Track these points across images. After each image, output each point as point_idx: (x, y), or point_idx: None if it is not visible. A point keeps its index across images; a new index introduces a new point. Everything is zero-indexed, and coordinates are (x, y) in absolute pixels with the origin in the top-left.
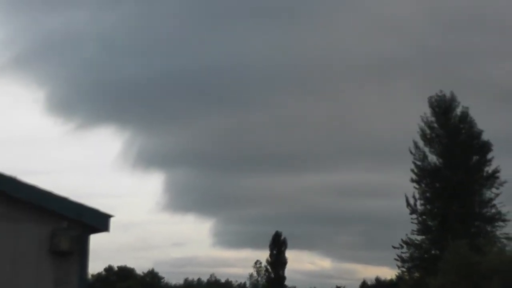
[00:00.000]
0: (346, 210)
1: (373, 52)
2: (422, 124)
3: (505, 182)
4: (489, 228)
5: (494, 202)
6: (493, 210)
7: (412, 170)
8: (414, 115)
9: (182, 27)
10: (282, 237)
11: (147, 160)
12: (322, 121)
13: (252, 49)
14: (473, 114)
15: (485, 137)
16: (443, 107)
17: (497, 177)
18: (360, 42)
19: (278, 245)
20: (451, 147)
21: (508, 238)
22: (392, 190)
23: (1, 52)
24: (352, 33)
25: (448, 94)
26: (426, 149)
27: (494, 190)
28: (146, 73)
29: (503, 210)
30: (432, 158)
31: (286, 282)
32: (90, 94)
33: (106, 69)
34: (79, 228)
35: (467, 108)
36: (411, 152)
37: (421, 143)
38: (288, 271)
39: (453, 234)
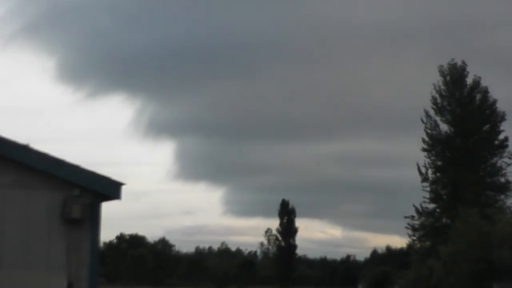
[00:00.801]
0: (357, 179)
1: (381, 21)
2: (434, 93)
3: None
4: (499, 197)
5: (505, 171)
6: (504, 179)
7: (423, 139)
8: (424, 84)
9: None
10: (291, 206)
11: (158, 128)
12: (330, 90)
13: (261, 20)
14: (484, 83)
15: (496, 106)
16: (454, 76)
17: (506, 146)
18: (368, 11)
19: (287, 214)
20: (463, 115)
21: None
22: (403, 159)
23: (12, 21)
24: (360, 4)
25: (459, 63)
26: (437, 118)
27: (505, 159)
28: (157, 42)
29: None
30: (444, 126)
31: (297, 251)
32: (101, 62)
33: (116, 38)
34: (91, 196)
35: (479, 77)
36: (422, 121)
37: (432, 112)
38: (299, 239)
39: (464, 202)
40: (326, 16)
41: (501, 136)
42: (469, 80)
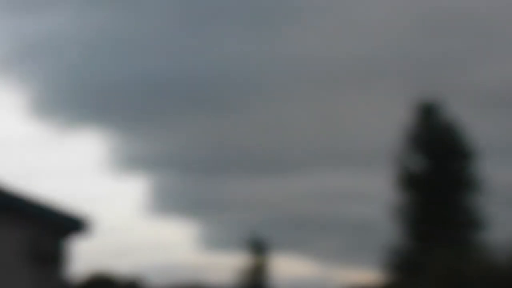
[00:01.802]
0: (330, 215)
1: (353, 56)
2: (406, 129)
3: (490, 188)
4: (472, 235)
5: (479, 209)
6: (478, 217)
7: (395, 176)
8: (396, 120)
9: (167, 30)
10: (264, 241)
11: (131, 162)
12: (304, 125)
13: (234, 54)
14: (458, 120)
15: (471, 142)
16: (428, 113)
17: (481, 183)
18: (339, 45)
19: (261, 251)
20: (435, 153)
21: (492, 245)
22: (376, 195)
23: None
24: (331, 36)
25: (433, 98)
26: (411, 155)
27: (479, 196)
28: (131, 76)
29: (486, 215)
30: (417, 164)
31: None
32: (73, 96)
33: (90, 72)
34: (61, 232)
35: (453, 114)
36: (395, 158)
37: (406, 149)
38: (272, 276)
39: (438, 241)
40: (300, 50)
41: (476, 173)
42: (443, 117)
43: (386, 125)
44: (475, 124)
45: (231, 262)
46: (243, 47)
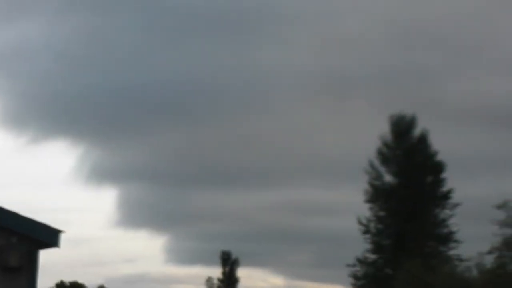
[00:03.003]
0: (299, 228)
1: (327, 70)
2: (380, 143)
3: (457, 202)
4: (442, 248)
5: (447, 222)
6: (446, 230)
7: (366, 190)
8: (369, 134)
9: (137, 41)
10: (234, 255)
11: (100, 175)
12: (274, 138)
13: (205, 66)
14: (431, 134)
15: (441, 157)
16: (402, 127)
17: (449, 197)
18: (314, 59)
19: (229, 263)
20: (407, 167)
21: (459, 258)
22: (346, 208)
23: None
24: (305, 50)
25: (408, 114)
26: (382, 169)
27: (447, 210)
28: (100, 87)
29: (455, 229)
30: (388, 178)
31: None
32: (43, 107)
33: (60, 82)
34: (29, 243)
35: (428, 130)
36: (366, 172)
37: (377, 163)
38: None
39: (407, 253)
40: (269, 62)
41: (445, 188)
42: (417, 131)
43: (359, 139)
44: (446, 138)
45: (199, 274)
46: (216, 60)
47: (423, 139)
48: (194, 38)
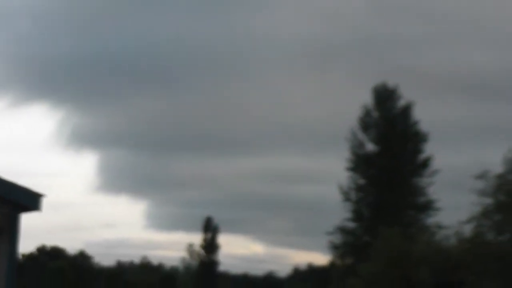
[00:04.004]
0: (279, 195)
1: (308, 39)
2: (362, 112)
3: (437, 171)
4: (420, 217)
5: (426, 191)
6: (424, 199)
7: (348, 158)
8: (350, 102)
9: (117, 6)
10: (214, 222)
11: (80, 140)
12: (255, 105)
13: (186, 32)
14: (410, 102)
15: (422, 126)
16: (384, 96)
17: (427, 165)
18: (299, 28)
19: (210, 230)
20: (388, 135)
21: (438, 227)
22: (326, 176)
23: None
24: (287, 20)
25: (387, 82)
26: (364, 137)
27: (426, 179)
28: (80, 52)
29: (434, 198)
30: (369, 146)
31: (219, 267)
32: (23, 71)
33: (39, 46)
34: (10, 206)
35: (412, 102)
36: (347, 140)
37: (358, 131)
38: (221, 255)
39: (386, 222)
40: (251, 29)
41: (423, 156)
42: (401, 102)
43: (340, 107)
44: (426, 107)
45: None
46: (198, 27)
47: (406, 110)
48: (177, 5)
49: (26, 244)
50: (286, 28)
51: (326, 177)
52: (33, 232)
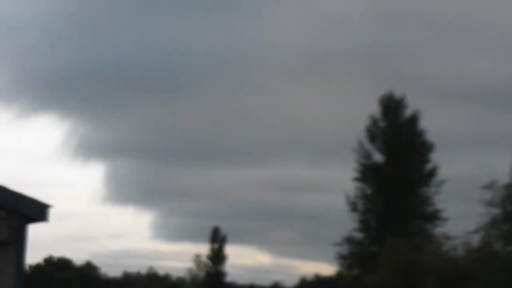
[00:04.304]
0: (285, 205)
1: (314, 47)
2: (368, 121)
3: (444, 180)
4: (427, 226)
5: (433, 200)
6: (431, 209)
7: (355, 168)
8: (355, 111)
9: (123, 17)
10: (222, 232)
11: (87, 150)
12: (262, 115)
13: (191, 42)
14: (418, 112)
15: (428, 135)
16: (391, 106)
17: (434, 175)
18: (302, 36)
19: (217, 240)
20: (395, 145)
21: (445, 237)
22: (332, 186)
23: None
24: (292, 28)
25: (397, 93)
26: (370, 147)
27: (433, 188)
28: (87, 62)
29: (441, 208)
30: (376, 156)
31: (226, 277)
32: (30, 82)
33: (46, 57)
34: (17, 217)
35: (419, 111)
36: (355, 150)
37: (365, 141)
38: (228, 265)
39: (392, 232)
40: (256, 38)
41: (430, 166)
42: (408, 112)
43: (345, 116)
44: (431, 116)
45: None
46: (203, 37)
47: (413, 119)
48: (181, 15)
49: (33, 255)
50: (291, 37)
51: (332, 187)
52: (40, 243)
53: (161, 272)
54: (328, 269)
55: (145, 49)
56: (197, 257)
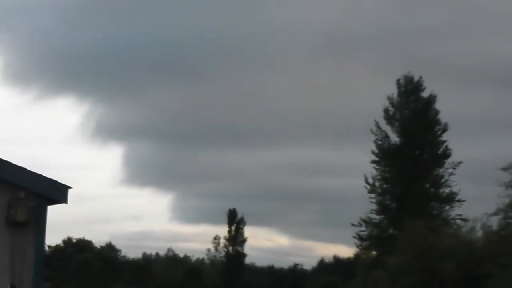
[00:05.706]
0: (304, 187)
1: (331, 29)
2: (386, 104)
3: (459, 162)
4: (444, 209)
5: (450, 182)
6: (448, 190)
7: (372, 151)
8: (374, 94)
9: None
10: (239, 214)
11: (105, 132)
12: (280, 97)
13: (209, 23)
14: (434, 94)
15: (443, 117)
16: (408, 88)
17: (448, 156)
18: (320, 18)
19: (235, 222)
20: (412, 127)
21: (462, 219)
22: (351, 168)
23: None
24: (311, 8)
25: (411, 74)
26: (388, 128)
27: (449, 170)
28: (103, 45)
29: (457, 190)
30: (393, 137)
31: (245, 259)
32: (48, 64)
33: (64, 39)
34: (37, 199)
35: (435, 94)
36: (372, 132)
37: (382, 122)
38: (247, 247)
39: (410, 214)
40: (273, 20)
41: (446, 148)
42: (425, 94)
43: (365, 99)
44: (449, 98)
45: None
46: (222, 17)
47: (430, 102)
48: None
49: (53, 237)
50: (308, 18)
51: (350, 169)
52: (59, 225)
53: (180, 253)
54: (346, 251)
55: (164, 31)
56: (216, 238)
